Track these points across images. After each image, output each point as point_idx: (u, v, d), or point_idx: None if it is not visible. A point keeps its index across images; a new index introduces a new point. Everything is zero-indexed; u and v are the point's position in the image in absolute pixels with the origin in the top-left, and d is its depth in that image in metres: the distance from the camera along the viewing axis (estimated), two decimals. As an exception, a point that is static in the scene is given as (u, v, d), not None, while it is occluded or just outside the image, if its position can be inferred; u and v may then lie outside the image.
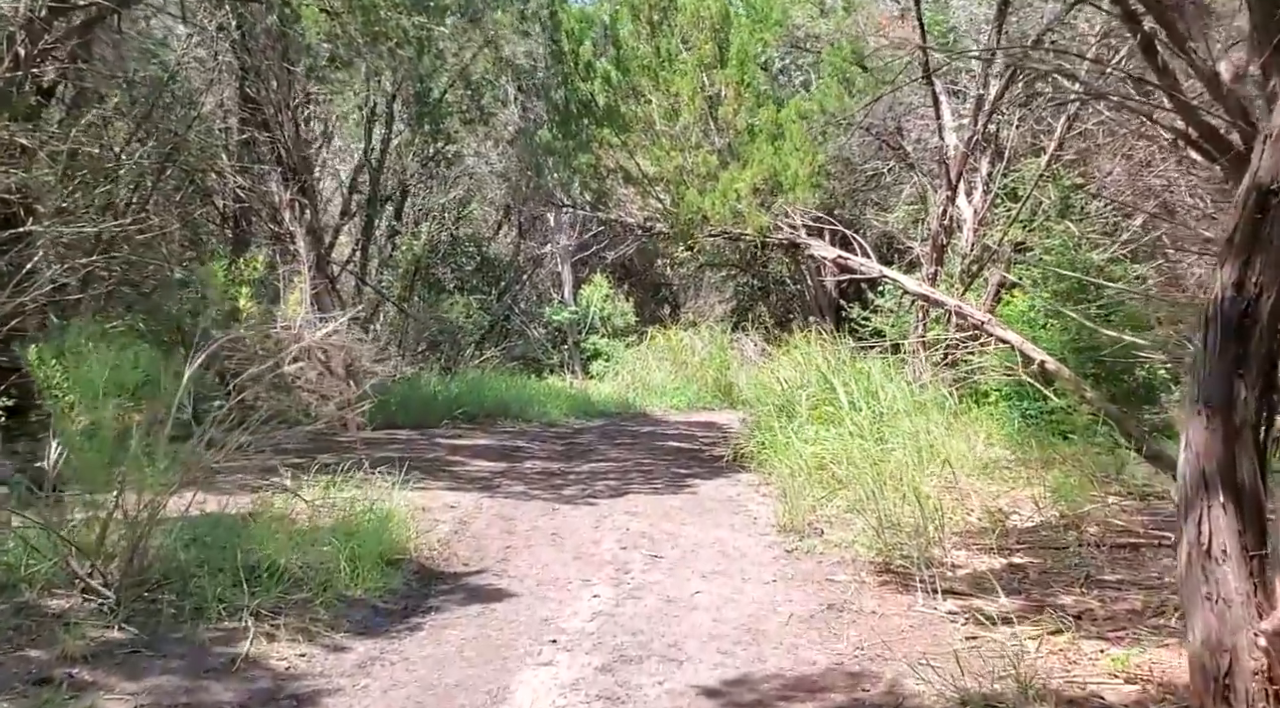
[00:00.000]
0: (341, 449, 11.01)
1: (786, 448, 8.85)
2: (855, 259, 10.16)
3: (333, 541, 5.86)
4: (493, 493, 8.81)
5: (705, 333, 20.60)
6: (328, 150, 21.56)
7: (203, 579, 5.13)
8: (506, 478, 9.66)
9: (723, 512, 8.05)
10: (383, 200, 21.59)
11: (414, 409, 13.57)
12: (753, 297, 26.11)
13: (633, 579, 5.97)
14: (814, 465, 8.36)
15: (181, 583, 5.11)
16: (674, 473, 10.13)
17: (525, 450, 11.73)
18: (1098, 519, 7.35)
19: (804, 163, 10.50)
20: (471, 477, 9.66)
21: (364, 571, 5.62)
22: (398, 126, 20.62)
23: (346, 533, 6.10)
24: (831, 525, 7.17)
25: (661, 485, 9.35)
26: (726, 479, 9.66)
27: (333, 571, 5.52)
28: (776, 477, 8.83)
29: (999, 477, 8.71)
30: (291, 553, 5.58)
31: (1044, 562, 6.28)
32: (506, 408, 14.69)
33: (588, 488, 9.19)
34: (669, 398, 17.80)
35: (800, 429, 9.18)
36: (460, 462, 10.56)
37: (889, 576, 5.97)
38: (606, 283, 22.02)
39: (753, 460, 9.86)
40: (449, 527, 7.35)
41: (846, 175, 21.88)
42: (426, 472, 9.72)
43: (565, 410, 15.48)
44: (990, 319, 9.39)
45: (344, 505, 6.86)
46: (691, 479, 9.69)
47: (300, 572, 5.46)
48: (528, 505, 8.28)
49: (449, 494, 8.63)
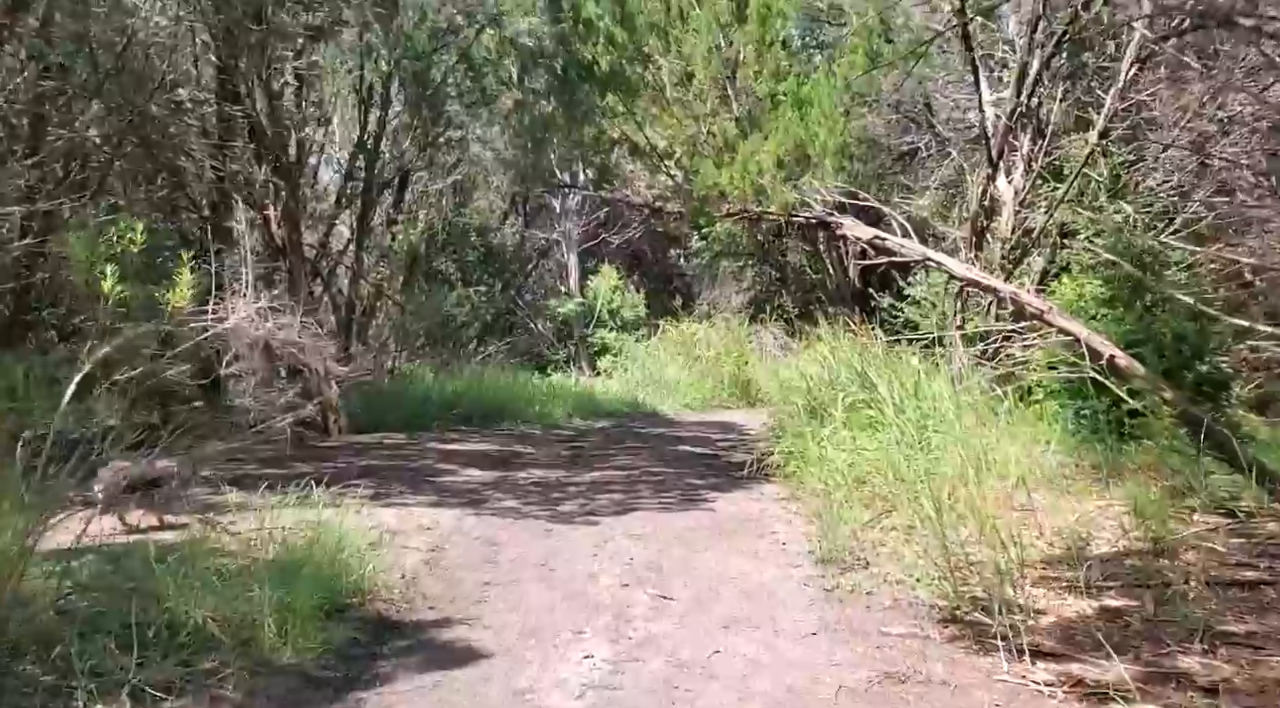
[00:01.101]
0: (320, 457, 9.89)
1: (819, 458, 7.65)
2: (894, 239, 8.97)
3: (267, 583, 4.69)
4: (479, 510, 7.64)
5: (721, 325, 19.40)
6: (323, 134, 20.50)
7: (78, 642, 3.96)
8: (498, 491, 8.49)
9: (745, 535, 6.86)
10: (380, 187, 20.47)
11: (406, 410, 12.43)
12: (771, 287, 24.86)
13: (635, 631, 4.79)
14: (853, 479, 7.17)
15: (44, 649, 3.94)
16: (687, 485, 8.95)
17: (523, 457, 10.57)
18: (1193, 545, 6.14)
19: (834, 133, 9.29)
20: (458, 489, 8.50)
21: (299, 625, 4.45)
22: (395, 109, 19.50)
23: (287, 571, 4.95)
24: (879, 556, 5.98)
25: (673, 500, 8.17)
26: (747, 492, 8.47)
27: (258, 626, 4.36)
28: (807, 492, 7.64)
29: (1064, 489, 7.49)
30: (207, 602, 4.43)
31: (1144, 605, 5.07)
32: (506, 408, 13.55)
33: (588, 503, 8.02)
34: (682, 396, 16.61)
35: (834, 434, 7.97)
36: (449, 471, 9.40)
37: (958, 628, 4.77)
38: (615, 273, 20.84)
39: (778, 470, 8.66)
40: (420, 556, 6.18)
41: (872, 157, 20.64)
42: (408, 483, 8.59)
43: (569, 410, 14.32)
44: (1051, 308, 8.18)
45: (294, 532, 5.68)
46: (707, 492, 8.51)
47: (216, 628, 4.30)
48: (517, 526, 7.11)
49: (428, 512, 7.47)
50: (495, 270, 21.43)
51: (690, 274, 25.81)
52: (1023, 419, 9.34)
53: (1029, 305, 8.19)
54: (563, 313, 19.88)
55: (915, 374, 8.94)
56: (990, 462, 7.20)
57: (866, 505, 6.80)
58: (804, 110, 9.00)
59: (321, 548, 5.41)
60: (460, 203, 21.53)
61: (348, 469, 9.13)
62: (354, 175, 19.36)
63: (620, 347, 19.47)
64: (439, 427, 12.26)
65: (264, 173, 10.99)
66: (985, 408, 8.71)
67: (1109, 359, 7.95)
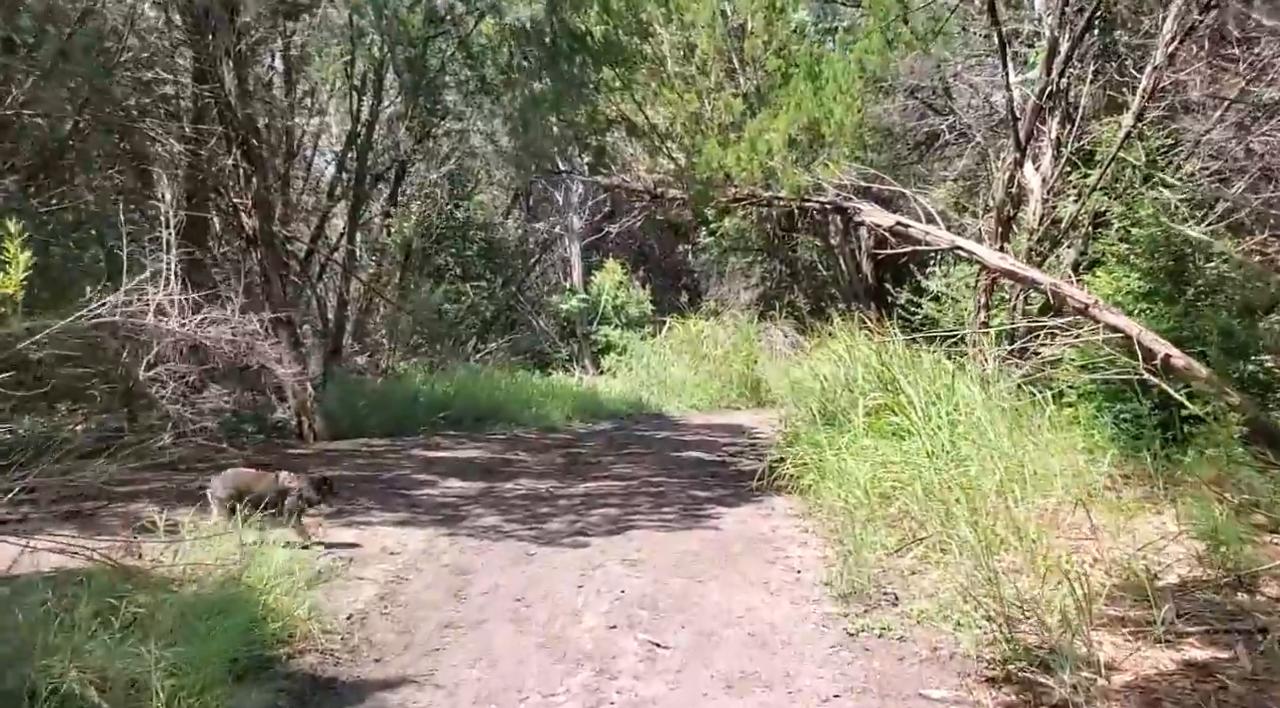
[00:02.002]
0: (286, 467, 9.06)
1: (837, 470, 6.78)
2: (919, 226, 8.11)
3: (170, 633, 3.85)
4: (455, 529, 6.80)
5: (729, 322, 18.53)
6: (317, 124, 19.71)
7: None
8: (480, 505, 7.65)
9: (754, 559, 5.99)
10: (374, 179, 19.65)
11: (391, 413, 11.60)
12: (781, 283, 23.96)
13: (619, 693, 3.93)
14: (876, 495, 6.30)
15: None
16: (691, 497, 8.09)
17: (513, 464, 9.72)
18: (1276, 574, 5.27)
19: (850, 110, 8.41)
20: (435, 504, 7.66)
21: (200, 689, 3.61)
22: (390, 97, 18.70)
23: (206, 614, 4.11)
24: (909, 589, 5.11)
25: (674, 516, 7.30)
26: (757, 507, 7.61)
27: (146, 692, 3.52)
28: (824, 509, 6.77)
29: (1114, 506, 6.62)
30: (94, 658, 3.60)
31: (1236, 657, 4.19)
32: (501, 410, 12.71)
33: (579, 520, 7.16)
34: (688, 396, 15.74)
35: (853, 443, 7.10)
36: (428, 481, 8.56)
37: (1013, 690, 3.90)
38: (620, 268, 19.98)
39: (790, 482, 7.78)
40: (375, 590, 5.33)
41: (888, 146, 19.73)
42: (378, 497, 7.75)
43: (569, 412, 13.47)
44: (1097, 301, 7.29)
45: (227, 562, 4.85)
46: (713, 507, 7.65)
47: (97, 695, 3.46)
48: (496, 549, 6.26)
49: (396, 532, 6.63)
50: (496, 265, 20.59)
51: (698, 270, 24.93)
52: (1055, 424, 8.46)
53: (1072, 299, 7.31)
54: (565, 309, 19.04)
55: (943, 375, 8.09)
56: (1030, 474, 6.35)
57: (892, 527, 5.93)
58: (818, 83, 8.12)
59: (251, 584, 4.57)
60: (459, 195, 20.69)
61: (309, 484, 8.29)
62: (347, 167, 18.62)
63: (625, 345, 18.63)
64: (426, 431, 11.42)
65: (234, 157, 10.15)
66: (1017, 413, 7.87)
67: (1164, 359, 7.07)
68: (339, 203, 18.49)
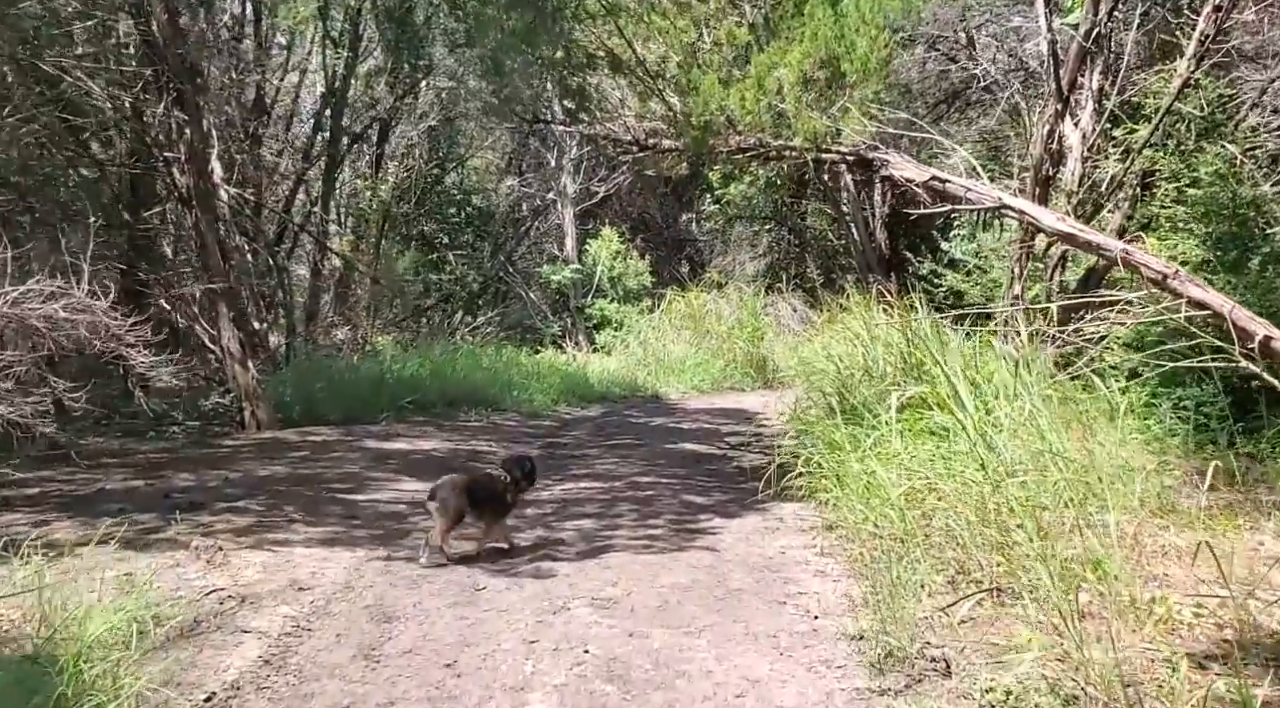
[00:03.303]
0: (213, 463, 7.80)
1: (863, 479, 5.49)
2: (958, 181, 6.78)
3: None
4: (392, 549, 5.53)
5: (734, 295, 17.20)
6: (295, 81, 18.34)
7: None
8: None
9: (759, 599, 4.71)
10: (351, 139, 18.29)
11: (350, 397, 10.32)
12: (789, 253, 22.60)
13: None
14: (909, 507, 5.01)
15: None
16: (684, 504, 6.82)
17: (481, 459, 8.45)
18: None
19: (875, 44, 7.06)
20: (377, 513, 6.39)
21: None
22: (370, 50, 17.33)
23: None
24: (963, 649, 3.83)
25: (663, 531, 6.03)
26: (762, 518, 6.34)
27: None
28: (847, 525, 5.48)
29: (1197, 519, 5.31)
30: None
31: None
32: (479, 393, 11.44)
33: (548, 536, 5.89)
34: (688, 377, 14.45)
35: (881, 443, 5.81)
36: (375, 482, 7.29)
37: None
38: (617, 237, 18.63)
39: (802, 486, 6.48)
40: (262, 648, 4.06)
41: (904, 103, 18.27)
42: (309, 505, 6.48)
43: (555, 396, 12.20)
44: (1178, 271, 5.96)
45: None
46: (709, 518, 6.37)
47: None
48: (436, 580, 4.99)
49: (317, 556, 5.37)
50: (484, 233, 19.24)
51: (701, 239, 23.56)
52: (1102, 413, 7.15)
53: (1147, 268, 5.98)
54: (557, 280, 17.71)
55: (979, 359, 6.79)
56: (1099, 482, 5.07)
57: (936, 559, 4.64)
58: (838, 10, 6.76)
59: (73, 642, 3.32)
60: (446, 157, 19.32)
61: (240, 481, 7.05)
62: (323, 127, 17.31)
63: (621, 319, 17.34)
64: (389, 418, 10.14)
65: (164, 104, 8.82)
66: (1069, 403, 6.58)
67: (1263, 341, 5.74)
68: (314, 166, 17.19)
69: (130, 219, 9.58)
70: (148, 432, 8.87)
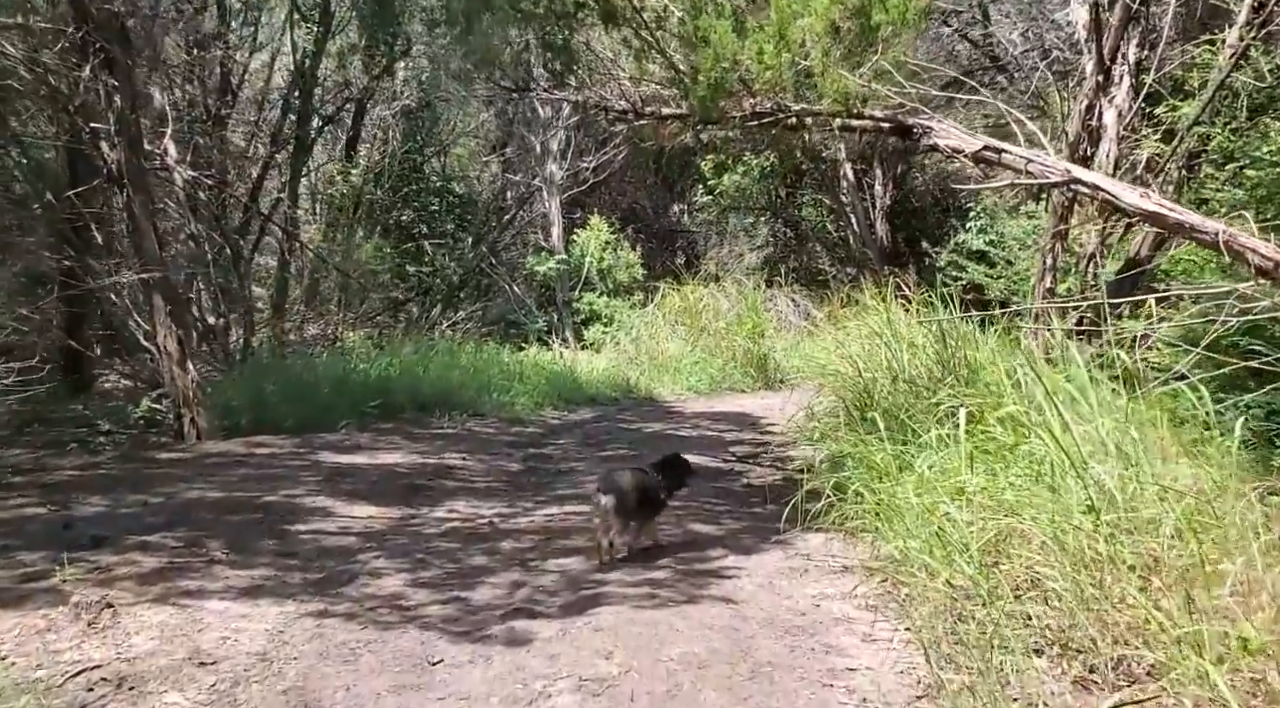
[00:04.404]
0: (136, 482, 6.67)
1: (918, 513, 4.40)
2: (1017, 151, 5.70)
3: None
4: (332, 602, 4.43)
5: (732, 289, 16.10)
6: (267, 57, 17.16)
7: None
8: (385, 551, 5.28)
9: (795, 678, 3.63)
10: (324, 122, 17.12)
11: (308, 402, 9.19)
12: (787, 245, 21.52)
13: None
14: (985, 550, 3.94)
15: None
16: (690, 535, 5.73)
17: (452, 475, 7.36)
18: None
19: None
20: (319, 549, 5.28)
21: None
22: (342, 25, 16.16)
23: None
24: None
25: (666, 575, 4.93)
26: (785, 554, 5.25)
27: None
28: (899, 568, 4.40)
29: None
30: None
31: None
32: (454, 396, 10.32)
33: (524, 581, 4.79)
34: (685, 376, 13.37)
35: (942, 468, 4.73)
36: (323, 509, 6.16)
37: None
38: (607, 227, 17.51)
39: (829, 511, 5.37)
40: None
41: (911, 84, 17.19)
42: (238, 538, 5.37)
43: (540, 398, 11.10)
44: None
45: None
46: (722, 554, 5.28)
47: None
48: (380, 650, 3.89)
49: (233, 610, 4.27)
50: (466, 222, 18.08)
51: (695, 230, 22.44)
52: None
53: (1255, 255, 4.93)
54: (542, 272, 16.58)
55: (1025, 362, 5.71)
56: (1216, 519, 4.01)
57: (1026, 624, 3.57)
58: (874, -51, 5.68)
59: None
60: (426, 142, 18.15)
61: (161, 507, 5.94)
62: (291, 108, 16.14)
63: (611, 314, 16.23)
64: (350, 425, 9.01)
65: (90, 68, 7.66)
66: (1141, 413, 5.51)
67: None
68: (282, 150, 16.01)
69: (53, 199, 8.43)
70: (70, 443, 7.73)
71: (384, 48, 16.20)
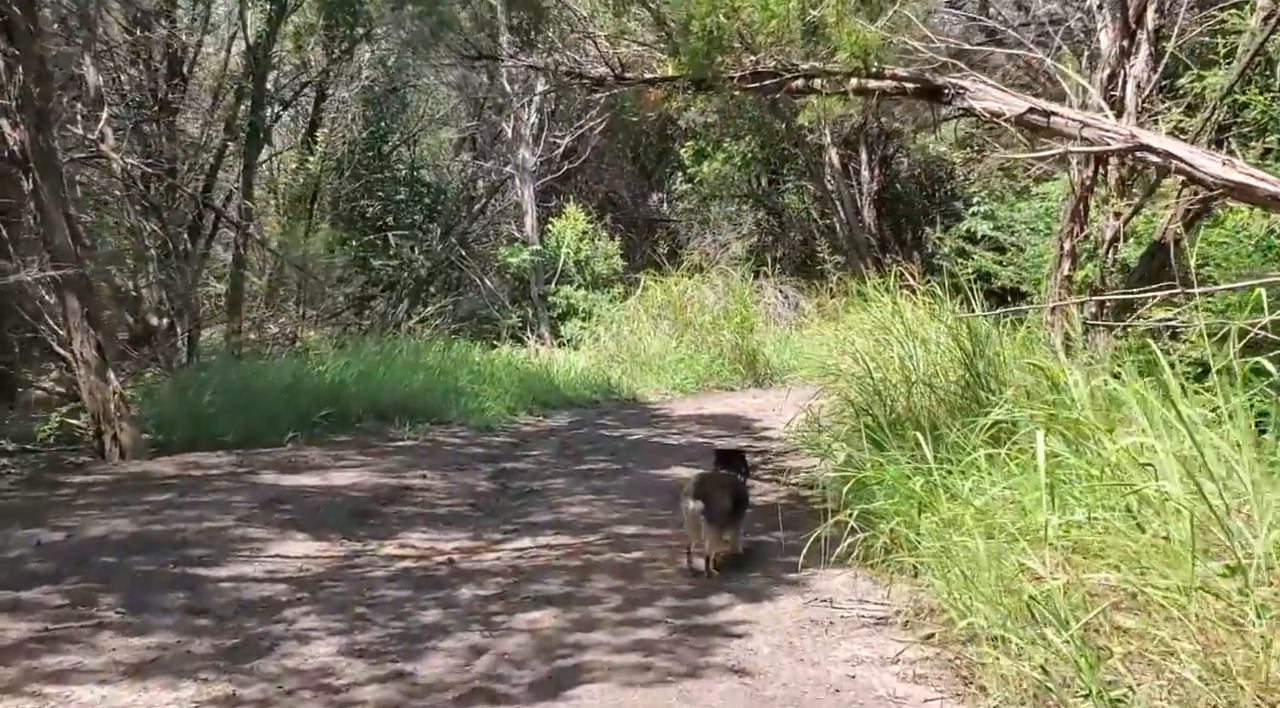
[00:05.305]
0: (35, 514, 5.68)
1: (986, 558, 3.50)
2: (1070, 114, 4.79)
3: None
4: (242, 683, 3.49)
5: (718, 280, 15.18)
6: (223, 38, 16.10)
7: None
8: (316, 603, 4.34)
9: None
10: (282, 106, 16.07)
11: (252, 411, 8.21)
12: (772, 234, 20.64)
13: None
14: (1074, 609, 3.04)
15: None
16: (687, 575, 4.80)
17: (408, 498, 6.42)
18: None
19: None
20: (236, 604, 4.33)
21: None
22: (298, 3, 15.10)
23: None
24: None
25: (661, 634, 4.01)
26: (803, 597, 4.35)
27: None
28: (942, 616, 3.51)
29: None
30: None
31: None
32: (416, 402, 9.35)
33: (486, 646, 3.86)
34: (669, 374, 12.46)
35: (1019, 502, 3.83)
36: (250, 545, 5.21)
37: None
38: (584, 216, 16.55)
39: (851, 539, 4.44)
40: None
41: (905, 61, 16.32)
42: (138, 589, 4.41)
43: (512, 402, 10.17)
44: None
45: None
46: (728, 601, 4.36)
47: None
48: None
49: (111, 700, 3.32)
50: (434, 212, 17.06)
51: (676, 219, 21.52)
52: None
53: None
54: (515, 264, 15.60)
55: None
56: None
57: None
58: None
59: None
60: (388, 129, 17.13)
61: (55, 548, 4.98)
62: (245, 93, 15.09)
63: (590, 308, 15.28)
64: (298, 438, 8.04)
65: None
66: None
67: None
68: (237, 137, 14.97)
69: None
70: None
71: (344, 28, 15.26)
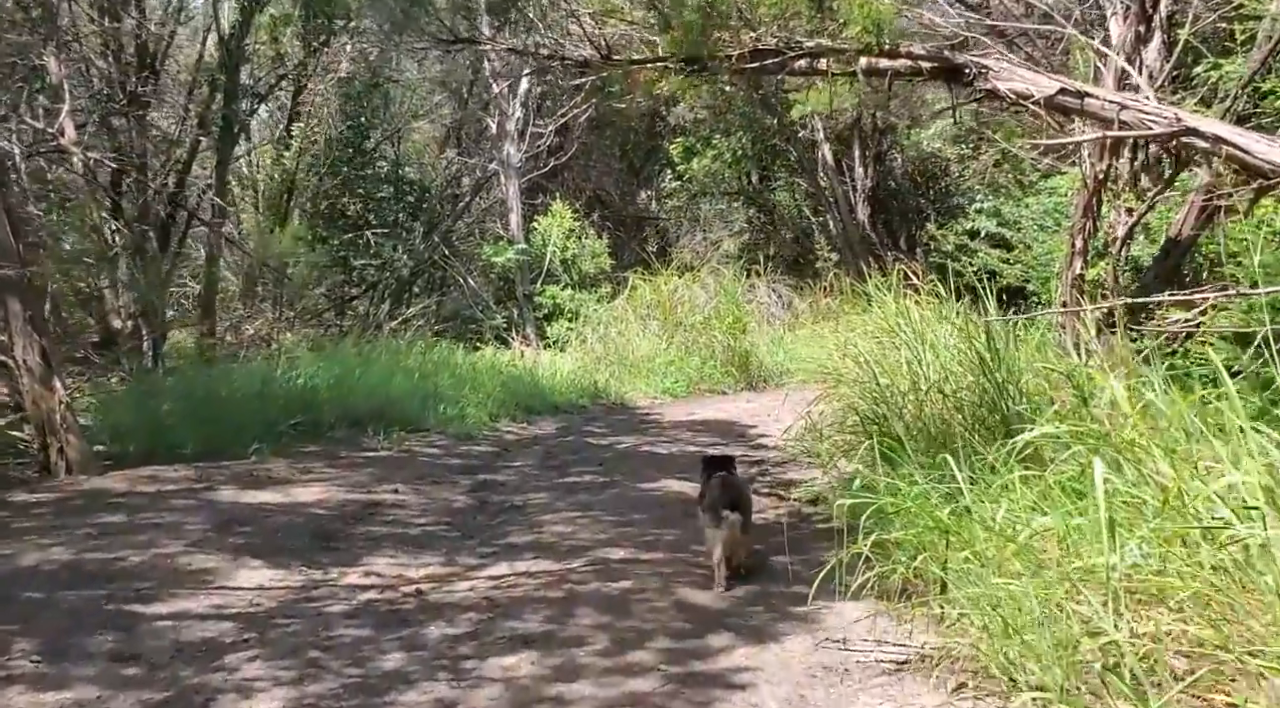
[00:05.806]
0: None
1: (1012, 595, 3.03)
2: (1105, 95, 4.32)
3: None
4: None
5: (709, 279, 14.71)
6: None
7: None
8: (265, 646, 3.84)
9: None
10: (257, 100, 15.54)
11: (215, 421, 7.70)
12: (763, 232, 20.21)
13: None
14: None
15: None
16: (682, 608, 4.30)
17: (378, 517, 5.92)
18: None
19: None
20: (172, 647, 3.82)
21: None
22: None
23: None
24: None
25: (654, 685, 3.51)
26: (813, 637, 3.87)
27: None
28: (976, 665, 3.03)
29: None
30: None
31: None
32: (392, 409, 8.85)
33: (454, 702, 3.36)
34: (659, 378, 11.99)
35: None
36: (197, 576, 4.69)
37: None
38: (571, 213, 16.06)
39: (863, 563, 3.94)
40: None
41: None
42: (62, 631, 3.91)
43: (495, 408, 9.67)
44: None
45: None
46: (729, 643, 3.87)
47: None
48: None
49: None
50: (416, 210, 16.53)
51: (665, 217, 21.06)
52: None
53: None
54: (500, 263, 15.10)
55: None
56: None
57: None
58: None
59: None
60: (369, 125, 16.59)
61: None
62: (217, 86, 14.56)
63: (577, 309, 14.80)
64: (265, 449, 7.52)
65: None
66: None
67: None
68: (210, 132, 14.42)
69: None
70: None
71: (321, 19, 14.76)
